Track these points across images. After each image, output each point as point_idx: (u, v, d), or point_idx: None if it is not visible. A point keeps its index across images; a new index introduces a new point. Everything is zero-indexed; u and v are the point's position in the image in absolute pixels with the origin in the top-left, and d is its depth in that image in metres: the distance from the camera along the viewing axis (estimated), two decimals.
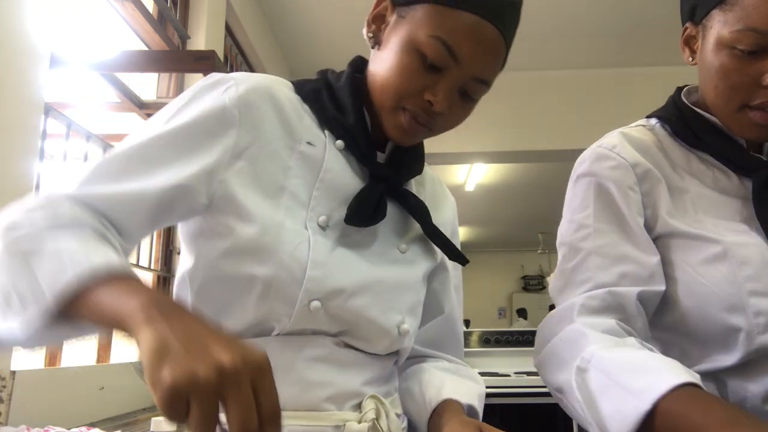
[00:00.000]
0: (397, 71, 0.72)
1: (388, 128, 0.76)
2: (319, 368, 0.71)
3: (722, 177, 0.82)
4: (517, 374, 4.13)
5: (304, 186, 0.73)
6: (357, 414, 0.72)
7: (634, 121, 0.95)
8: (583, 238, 0.83)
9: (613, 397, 0.66)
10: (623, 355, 0.69)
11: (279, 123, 0.73)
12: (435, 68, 0.71)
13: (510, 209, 7.86)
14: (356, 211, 0.73)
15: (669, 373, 0.63)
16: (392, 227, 0.81)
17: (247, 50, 3.57)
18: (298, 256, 0.69)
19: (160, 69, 2.33)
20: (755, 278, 0.73)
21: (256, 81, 0.73)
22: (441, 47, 0.70)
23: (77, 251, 0.54)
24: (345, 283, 0.72)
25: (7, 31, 1.47)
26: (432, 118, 0.75)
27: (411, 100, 0.73)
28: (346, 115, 0.76)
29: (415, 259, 0.82)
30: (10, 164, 1.46)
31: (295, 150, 0.74)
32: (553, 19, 3.72)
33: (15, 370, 1.41)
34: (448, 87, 0.72)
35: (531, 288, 10.32)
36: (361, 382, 0.75)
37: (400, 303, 0.78)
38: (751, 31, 0.71)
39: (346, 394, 0.73)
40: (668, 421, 0.61)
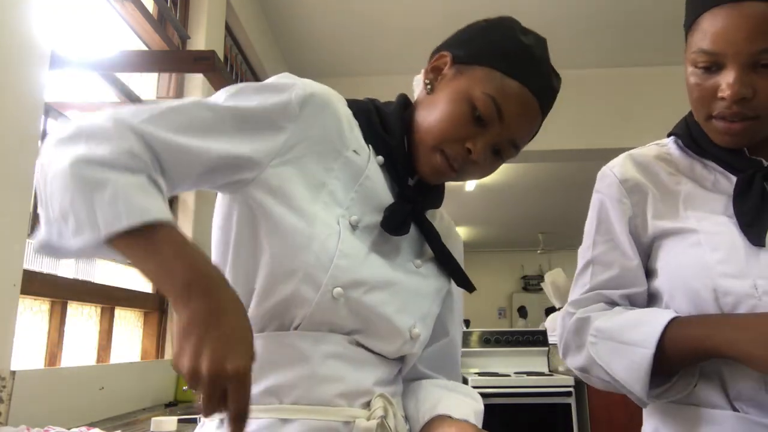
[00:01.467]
0: (447, 116, 0.81)
1: (422, 164, 0.84)
2: (333, 364, 0.75)
3: (722, 179, 0.91)
4: (517, 374, 4.13)
5: (343, 188, 0.79)
6: (366, 411, 0.75)
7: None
8: (586, 248, 0.99)
9: (625, 353, 0.83)
10: (619, 319, 0.88)
11: (332, 128, 0.79)
12: (480, 122, 0.80)
13: (510, 209, 7.86)
14: (390, 218, 0.80)
15: (658, 317, 0.83)
16: (410, 246, 0.87)
17: (247, 50, 3.58)
18: (327, 245, 0.74)
19: (160, 69, 2.34)
20: (724, 262, 0.82)
21: (321, 88, 0.80)
22: (491, 104, 0.79)
23: (133, 198, 0.60)
24: (367, 276, 0.77)
25: (7, 31, 1.47)
26: (464, 166, 0.83)
27: (452, 145, 0.81)
28: (391, 137, 0.85)
29: (429, 275, 0.88)
30: (10, 164, 1.46)
31: (342, 155, 0.80)
32: (553, 19, 3.72)
33: (15, 370, 1.41)
34: (488, 141, 0.81)
35: (531, 288, 10.31)
36: (372, 382, 0.78)
37: (414, 308, 0.83)
38: (702, 52, 0.84)
39: (358, 391, 0.76)
40: (675, 349, 0.80)
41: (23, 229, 1.50)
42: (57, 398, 1.61)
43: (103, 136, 0.64)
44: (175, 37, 2.67)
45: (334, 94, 0.83)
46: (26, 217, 1.52)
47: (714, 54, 0.82)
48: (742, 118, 0.83)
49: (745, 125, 0.84)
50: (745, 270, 0.81)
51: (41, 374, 1.62)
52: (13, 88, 1.49)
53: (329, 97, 0.81)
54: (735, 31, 0.80)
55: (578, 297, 0.96)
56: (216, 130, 0.71)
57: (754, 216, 0.84)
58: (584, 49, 4.10)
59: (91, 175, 0.61)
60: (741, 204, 0.86)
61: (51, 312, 1.82)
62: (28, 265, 1.59)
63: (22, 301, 1.59)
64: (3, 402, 1.37)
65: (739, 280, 0.81)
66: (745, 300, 0.80)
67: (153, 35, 2.45)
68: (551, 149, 4.35)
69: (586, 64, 4.28)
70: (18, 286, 1.46)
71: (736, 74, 0.81)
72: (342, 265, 0.74)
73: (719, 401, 0.82)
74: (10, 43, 1.48)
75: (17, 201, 1.48)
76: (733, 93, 0.81)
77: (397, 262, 0.84)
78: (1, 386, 1.37)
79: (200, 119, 0.71)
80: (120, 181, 0.61)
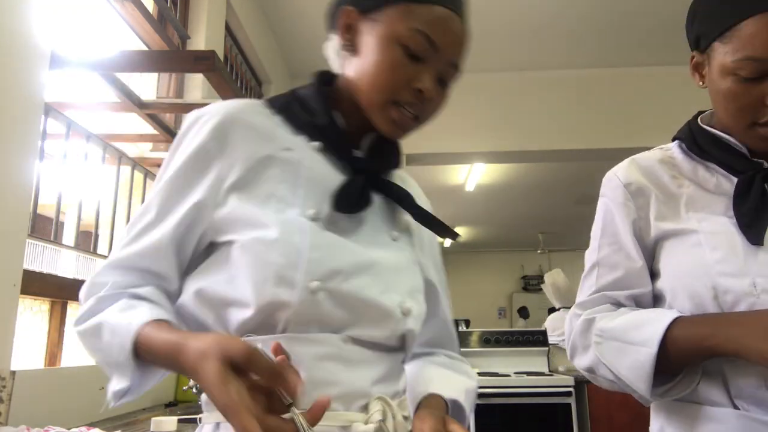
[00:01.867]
0: (384, 66, 0.78)
1: (381, 124, 0.81)
2: (327, 367, 0.72)
3: (724, 181, 0.92)
4: (517, 374, 4.12)
5: (290, 188, 0.78)
6: (364, 415, 0.73)
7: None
8: (592, 251, 1.01)
9: (629, 353, 0.85)
10: (623, 319, 0.89)
11: (255, 139, 0.79)
12: (417, 58, 0.78)
13: (510, 209, 7.86)
14: (342, 198, 0.78)
15: (662, 317, 0.84)
16: (381, 217, 0.85)
17: (247, 50, 3.58)
18: (295, 242, 0.72)
19: (160, 69, 2.34)
20: (723, 261, 0.84)
21: (227, 108, 0.80)
22: (421, 38, 0.78)
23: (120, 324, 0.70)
24: (342, 264, 0.75)
25: (7, 31, 1.47)
26: (421, 108, 0.81)
27: (402, 92, 0.79)
28: (318, 118, 0.83)
29: (405, 247, 0.86)
30: (10, 164, 1.46)
31: (275, 158, 0.79)
32: (553, 19, 3.72)
33: (15, 370, 1.41)
34: (432, 74, 0.80)
35: (531, 288, 10.31)
36: (370, 381, 0.76)
37: (398, 284, 0.80)
38: (750, 60, 0.81)
39: (354, 394, 0.74)
40: (678, 348, 0.82)
41: (23, 229, 1.50)
42: (57, 398, 1.61)
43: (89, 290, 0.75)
44: (175, 37, 2.67)
45: (245, 104, 0.82)
46: (26, 217, 1.52)
47: (765, 61, 0.80)
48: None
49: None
50: (744, 269, 0.82)
51: (41, 374, 1.62)
52: (13, 88, 1.49)
53: (239, 112, 0.80)
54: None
55: (584, 299, 0.98)
56: (162, 211, 0.77)
57: (753, 216, 0.85)
58: (584, 49, 4.10)
59: (87, 328, 0.73)
60: (740, 204, 0.87)
61: (51, 312, 1.82)
62: (28, 265, 1.59)
63: (22, 301, 1.59)
64: (3, 402, 1.37)
65: (738, 279, 0.82)
66: (744, 298, 0.81)
67: (153, 35, 2.45)
68: (551, 149, 4.35)
69: (586, 64, 4.29)
70: (18, 286, 1.46)
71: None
72: (314, 258, 0.72)
73: (721, 399, 0.83)
74: (10, 43, 1.48)
75: (17, 201, 1.48)
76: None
77: (372, 240, 0.81)
78: (1, 386, 1.37)
79: (149, 214, 0.77)
80: (108, 318, 0.71)
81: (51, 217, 1.93)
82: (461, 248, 10.19)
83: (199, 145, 0.77)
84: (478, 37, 4.74)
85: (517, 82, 4.40)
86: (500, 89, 4.40)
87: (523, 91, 4.39)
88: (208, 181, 0.76)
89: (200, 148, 0.77)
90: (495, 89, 4.40)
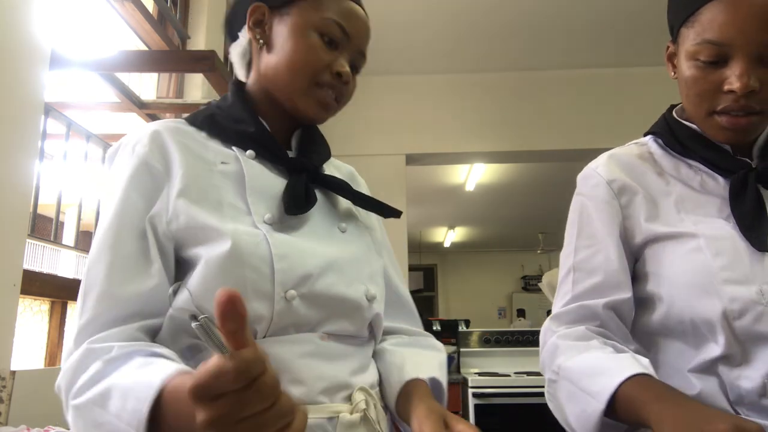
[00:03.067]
0: (302, 52, 0.82)
1: (307, 108, 0.84)
2: (310, 364, 0.75)
3: (709, 180, 0.89)
4: (517, 374, 4.12)
5: (238, 196, 0.78)
6: (348, 405, 0.76)
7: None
8: (568, 255, 0.95)
9: (579, 401, 0.79)
10: (584, 361, 0.81)
11: (190, 155, 0.78)
12: (333, 45, 0.83)
13: (510, 209, 7.86)
14: (291, 201, 0.79)
15: (620, 370, 0.75)
16: (326, 212, 0.87)
17: None
18: (260, 254, 0.73)
19: (160, 69, 2.33)
20: (729, 267, 0.80)
21: (152, 129, 0.79)
22: (335, 26, 0.83)
23: (139, 382, 0.59)
24: (309, 267, 0.76)
25: (7, 31, 1.47)
26: (341, 90, 0.85)
27: (323, 74, 0.83)
28: (246, 126, 0.84)
29: (355, 235, 0.89)
30: (10, 164, 1.46)
31: (214, 171, 0.79)
32: (553, 19, 3.72)
33: (15, 370, 1.41)
34: (347, 60, 0.85)
35: (531, 288, 10.30)
36: (350, 373, 0.79)
37: (359, 274, 0.83)
38: (708, 43, 0.81)
39: (337, 385, 0.77)
40: (623, 408, 0.74)
41: (23, 229, 1.50)
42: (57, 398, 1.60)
43: (81, 358, 0.66)
44: (175, 37, 2.67)
45: (166, 123, 0.81)
46: (26, 217, 1.52)
47: (721, 45, 0.80)
48: (748, 112, 0.81)
49: (751, 120, 0.82)
50: (750, 276, 0.79)
51: (41, 374, 1.62)
52: (13, 88, 1.49)
53: (164, 131, 0.79)
54: (745, 20, 0.77)
55: (559, 310, 0.91)
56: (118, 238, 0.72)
57: (753, 219, 0.82)
58: (583, 49, 4.10)
59: (92, 395, 0.62)
60: (738, 207, 0.84)
61: (51, 312, 1.82)
62: (28, 265, 1.59)
63: (22, 301, 1.59)
64: (3, 402, 1.37)
65: (744, 287, 0.79)
66: (752, 307, 0.78)
67: (153, 35, 2.44)
68: (551, 149, 4.35)
69: (585, 64, 4.28)
70: (18, 286, 1.46)
71: (745, 65, 0.78)
72: (284, 268, 0.73)
73: (720, 405, 0.81)
74: (10, 43, 1.48)
75: (17, 201, 1.48)
76: (743, 85, 0.78)
77: (326, 236, 0.83)
78: (1, 386, 1.37)
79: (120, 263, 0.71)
80: (119, 379, 0.61)
81: (51, 217, 1.93)
82: (461, 248, 10.19)
83: (137, 164, 0.75)
84: (479, 37, 4.73)
85: (517, 82, 4.40)
86: (500, 89, 4.40)
87: (523, 91, 4.38)
88: (155, 196, 0.74)
89: (139, 163, 0.75)
90: (495, 89, 4.39)
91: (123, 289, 0.70)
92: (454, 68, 4.28)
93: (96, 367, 0.64)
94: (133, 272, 0.70)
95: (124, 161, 0.77)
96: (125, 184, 0.74)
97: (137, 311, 0.70)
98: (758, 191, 0.84)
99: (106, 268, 0.70)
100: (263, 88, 0.86)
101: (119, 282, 0.70)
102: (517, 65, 4.33)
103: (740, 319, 0.79)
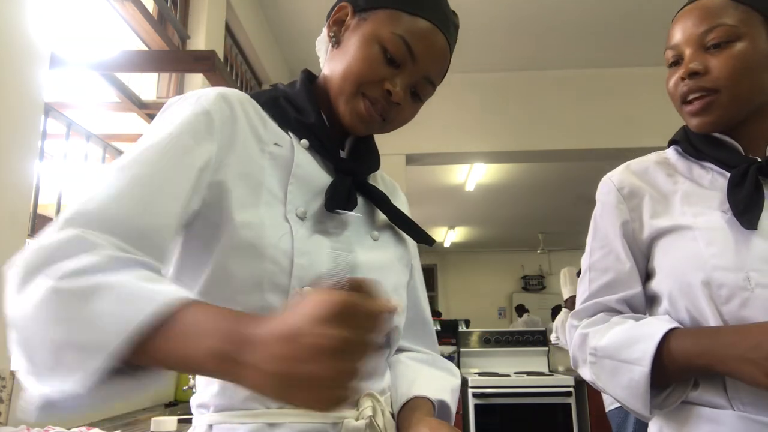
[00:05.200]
0: (360, 60, 0.79)
1: (346, 114, 0.81)
2: None
3: (719, 177, 0.94)
4: (517, 374, 4.13)
5: (279, 183, 0.77)
6: (354, 411, 0.74)
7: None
8: (585, 256, 1.03)
9: (624, 372, 0.86)
10: (616, 335, 0.89)
11: (248, 127, 0.78)
12: (394, 63, 0.80)
13: (510, 209, 7.86)
14: (333, 198, 0.78)
15: (652, 333, 0.84)
16: (363, 219, 0.86)
17: (247, 50, 3.58)
18: (283, 247, 0.71)
19: (160, 69, 2.34)
20: (719, 255, 0.85)
21: (223, 90, 0.78)
22: (401, 44, 0.79)
23: (145, 288, 0.51)
24: (330, 267, 0.75)
25: (7, 31, 1.47)
26: (388, 109, 0.81)
27: (371, 87, 0.80)
28: (307, 116, 0.82)
29: (388, 244, 0.87)
30: (10, 164, 1.46)
31: (265, 151, 0.78)
32: (553, 19, 3.72)
33: (15, 370, 1.41)
34: (405, 81, 0.81)
35: (531, 288, 10.31)
36: None
37: (383, 283, 0.81)
38: (667, 49, 0.97)
39: None
40: (670, 364, 0.82)
41: (23, 229, 1.50)
42: None
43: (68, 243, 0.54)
44: (175, 37, 2.67)
45: (236, 91, 0.80)
46: (26, 217, 1.52)
47: (674, 47, 0.95)
48: (700, 93, 0.91)
49: (707, 101, 0.90)
50: (738, 262, 0.83)
51: None
52: (13, 88, 1.49)
53: (234, 95, 0.78)
54: (686, 22, 0.93)
55: (579, 307, 0.99)
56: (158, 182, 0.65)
57: (747, 203, 0.86)
58: (584, 49, 4.10)
59: (75, 286, 0.51)
60: (735, 194, 0.88)
61: None
62: None
63: None
64: (3, 402, 1.37)
65: (732, 273, 0.83)
66: (738, 293, 0.82)
67: (153, 35, 2.45)
68: (551, 149, 4.35)
69: (586, 64, 4.29)
70: None
71: (688, 56, 0.92)
72: (303, 264, 0.72)
73: (720, 401, 0.83)
74: (10, 43, 1.48)
75: (17, 201, 1.48)
76: (685, 69, 0.91)
77: (355, 241, 0.82)
78: (1, 386, 1.37)
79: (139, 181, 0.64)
80: (121, 281, 0.52)
81: (51, 217, 1.93)
82: (461, 248, 10.19)
83: (199, 111, 0.72)
84: (479, 36, 4.73)
85: (517, 82, 4.40)
86: (500, 89, 4.40)
87: (523, 91, 4.39)
88: (210, 147, 0.71)
89: (201, 114, 0.72)
90: (495, 89, 4.40)
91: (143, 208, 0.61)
92: (454, 68, 4.25)
93: (90, 259, 0.53)
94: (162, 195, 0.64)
95: (182, 107, 0.73)
96: (179, 122, 0.70)
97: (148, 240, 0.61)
98: (758, 181, 0.88)
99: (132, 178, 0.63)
100: (325, 85, 0.85)
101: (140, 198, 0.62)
102: (517, 65, 4.34)
103: (727, 304, 0.82)
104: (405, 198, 1.02)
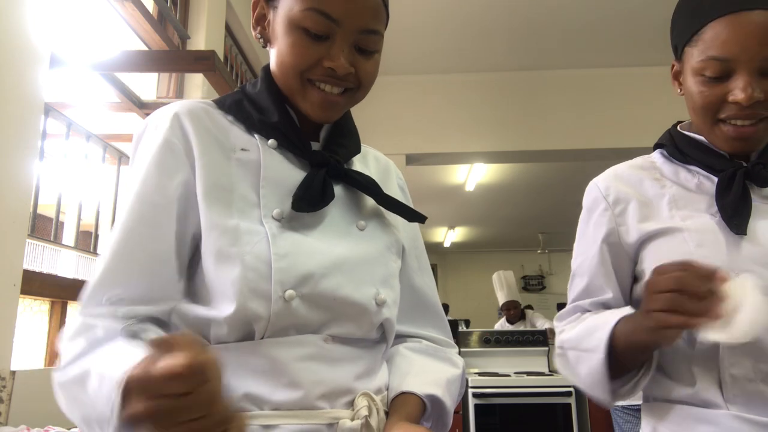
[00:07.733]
0: (288, 52, 0.76)
1: (306, 108, 0.79)
2: (310, 367, 0.72)
3: (705, 181, 0.94)
4: (517, 374, 4.13)
5: (251, 187, 0.76)
6: (350, 411, 0.73)
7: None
8: (572, 261, 1.05)
9: (584, 360, 0.89)
10: (580, 328, 0.93)
11: (210, 137, 0.77)
12: (320, 38, 0.75)
13: (510, 209, 7.86)
14: (303, 197, 0.76)
15: (609, 320, 0.87)
16: (346, 208, 0.83)
17: (247, 50, 3.57)
18: (259, 253, 0.71)
19: (160, 69, 2.33)
20: (708, 257, 0.84)
21: (178, 108, 0.78)
22: (317, 16, 0.74)
23: (112, 373, 0.58)
24: (312, 267, 0.73)
25: (7, 31, 1.47)
26: (342, 84, 0.78)
27: (312, 71, 0.76)
28: (270, 116, 0.80)
29: (375, 234, 0.84)
30: (10, 164, 1.46)
31: (232, 159, 0.77)
32: (553, 19, 3.72)
33: (15, 370, 1.41)
34: (340, 49, 0.76)
35: (531, 288, 10.31)
36: (353, 377, 0.75)
37: (371, 276, 0.79)
38: (712, 59, 0.86)
39: (339, 391, 0.73)
40: (621, 350, 0.85)
41: (23, 229, 1.50)
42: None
43: (74, 332, 0.67)
44: (175, 37, 2.67)
45: (195, 103, 0.80)
46: (26, 217, 1.52)
47: (725, 60, 0.85)
48: (755, 120, 0.86)
49: (757, 128, 0.87)
50: (727, 263, 0.83)
51: (41, 374, 1.62)
52: (13, 88, 1.49)
53: (191, 109, 0.78)
54: (747, 37, 0.83)
55: (560, 312, 1.03)
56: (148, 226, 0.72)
57: (735, 208, 0.86)
58: (584, 50, 4.10)
59: (73, 375, 0.64)
60: (723, 198, 0.88)
61: (51, 312, 1.82)
62: (28, 265, 1.59)
63: (22, 301, 1.59)
64: (3, 402, 1.37)
65: None
66: None
67: (153, 35, 2.45)
68: (551, 149, 4.35)
69: (586, 64, 4.29)
70: (18, 286, 1.46)
71: (748, 78, 0.84)
72: (283, 267, 0.71)
73: (715, 400, 0.83)
74: (10, 43, 1.48)
75: (17, 201, 1.48)
76: (747, 96, 0.84)
77: (340, 233, 0.80)
78: (1, 386, 1.37)
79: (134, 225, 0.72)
80: (98, 362, 0.62)
81: (51, 217, 1.93)
82: (461, 248, 10.19)
83: (162, 143, 0.74)
84: (479, 37, 4.73)
85: (518, 82, 4.40)
86: (501, 89, 4.40)
87: (523, 91, 4.38)
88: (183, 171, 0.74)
89: (165, 145, 0.74)
90: (495, 89, 4.39)
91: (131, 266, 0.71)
92: (454, 68, 4.29)
93: (80, 345, 0.66)
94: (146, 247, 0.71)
95: (147, 145, 0.76)
96: (147, 163, 0.74)
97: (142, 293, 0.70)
98: (745, 185, 0.88)
99: (119, 241, 0.71)
100: None
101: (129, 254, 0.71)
102: (517, 65, 4.34)
103: None
104: (399, 174, 0.98)
